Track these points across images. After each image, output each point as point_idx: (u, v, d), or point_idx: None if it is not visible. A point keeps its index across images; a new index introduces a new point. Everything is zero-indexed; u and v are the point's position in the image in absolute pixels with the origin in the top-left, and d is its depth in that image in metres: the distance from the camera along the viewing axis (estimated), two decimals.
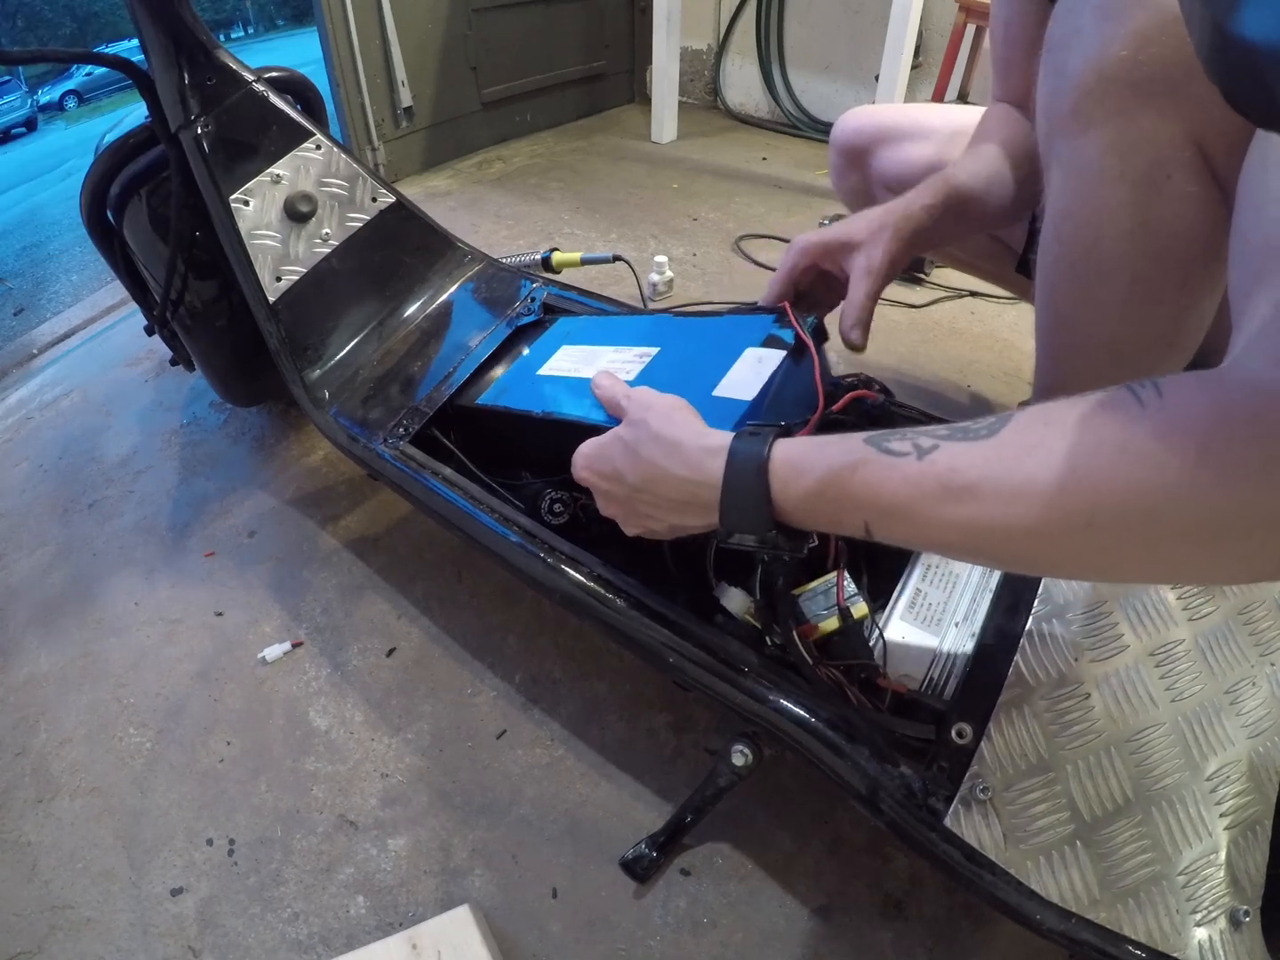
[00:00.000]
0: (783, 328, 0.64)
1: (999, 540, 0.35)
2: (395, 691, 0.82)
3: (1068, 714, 0.48)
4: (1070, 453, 0.32)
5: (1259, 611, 0.53)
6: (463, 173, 2.13)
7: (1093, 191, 0.53)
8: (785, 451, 0.43)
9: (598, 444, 0.53)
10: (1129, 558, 0.33)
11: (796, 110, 2.33)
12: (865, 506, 0.39)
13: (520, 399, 0.76)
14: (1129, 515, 0.31)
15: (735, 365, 0.63)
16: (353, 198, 0.91)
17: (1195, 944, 0.43)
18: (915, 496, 0.36)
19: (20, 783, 0.78)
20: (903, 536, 0.39)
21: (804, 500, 0.41)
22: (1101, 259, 0.55)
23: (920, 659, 0.54)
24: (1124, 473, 0.31)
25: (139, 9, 0.76)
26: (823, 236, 0.64)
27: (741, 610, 0.61)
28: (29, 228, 4.18)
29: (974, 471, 0.35)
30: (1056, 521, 0.32)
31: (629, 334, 0.77)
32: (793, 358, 0.61)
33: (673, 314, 0.79)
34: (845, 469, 0.39)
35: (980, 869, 0.45)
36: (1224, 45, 0.22)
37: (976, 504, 0.34)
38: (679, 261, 1.57)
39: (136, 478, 1.13)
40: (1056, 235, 0.58)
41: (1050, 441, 0.33)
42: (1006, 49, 0.74)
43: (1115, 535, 0.31)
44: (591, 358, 0.75)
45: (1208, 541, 0.30)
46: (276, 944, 0.65)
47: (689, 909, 0.65)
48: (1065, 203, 0.56)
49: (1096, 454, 0.31)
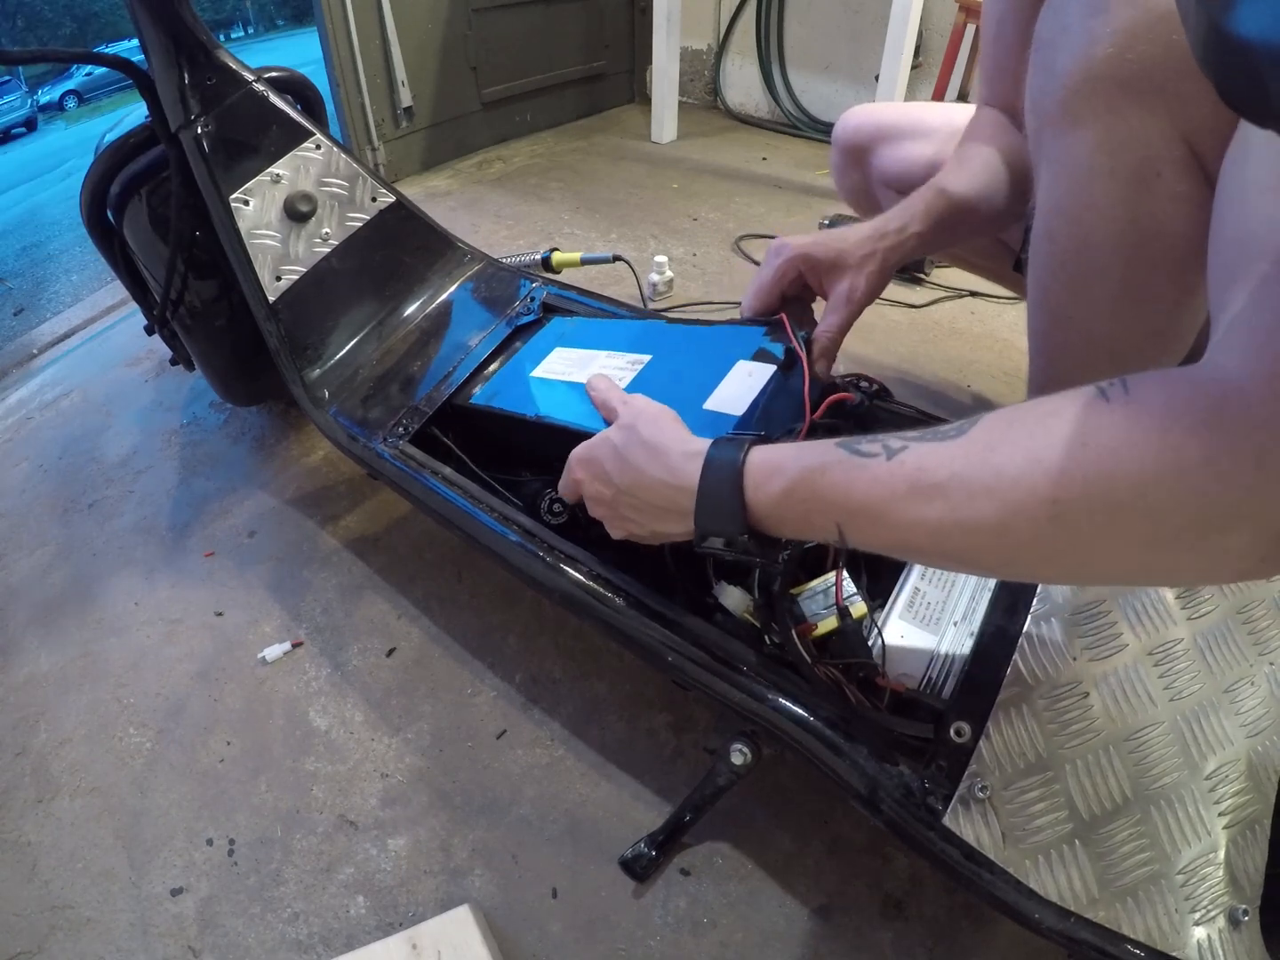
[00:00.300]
0: (774, 340, 0.65)
1: (967, 539, 0.35)
2: (395, 691, 0.82)
3: (1066, 713, 0.48)
4: (1033, 447, 0.32)
5: (1258, 610, 0.53)
6: (463, 173, 2.13)
7: (1083, 189, 0.53)
8: (759, 455, 0.43)
9: (589, 445, 0.55)
10: (1097, 554, 0.32)
11: (796, 110, 2.33)
12: (835, 507, 0.39)
13: (514, 401, 0.77)
14: (1093, 509, 0.31)
15: (726, 378, 0.64)
16: (353, 197, 0.92)
17: (1194, 943, 0.43)
18: (884, 497, 0.37)
19: (20, 783, 0.78)
20: (874, 539, 0.39)
21: (776, 502, 0.42)
22: (1093, 257, 0.55)
23: (919, 658, 0.54)
24: (1085, 465, 0.31)
25: (139, 9, 0.76)
26: (814, 251, 0.64)
27: (740, 609, 0.61)
28: (29, 228, 4.19)
29: (942, 471, 0.35)
30: (1021, 516, 0.32)
31: (622, 339, 0.77)
32: (783, 371, 0.62)
33: (666, 320, 0.79)
34: (815, 470, 0.40)
35: (979, 868, 0.45)
36: (1219, 42, 0.22)
37: (944, 501, 0.34)
38: (679, 261, 1.57)
39: (136, 478, 1.13)
40: (1047, 233, 0.58)
41: (1015, 438, 0.33)
42: (997, 50, 0.73)
43: (1080, 529, 0.31)
44: (585, 362, 0.76)
45: (1174, 538, 0.30)
46: (276, 944, 0.65)
47: (689, 909, 0.65)
48: (1056, 200, 0.56)
49: (1059, 448, 0.31)
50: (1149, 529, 0.30)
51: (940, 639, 0.55)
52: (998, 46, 0.73)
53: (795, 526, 0.43)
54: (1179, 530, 0.30)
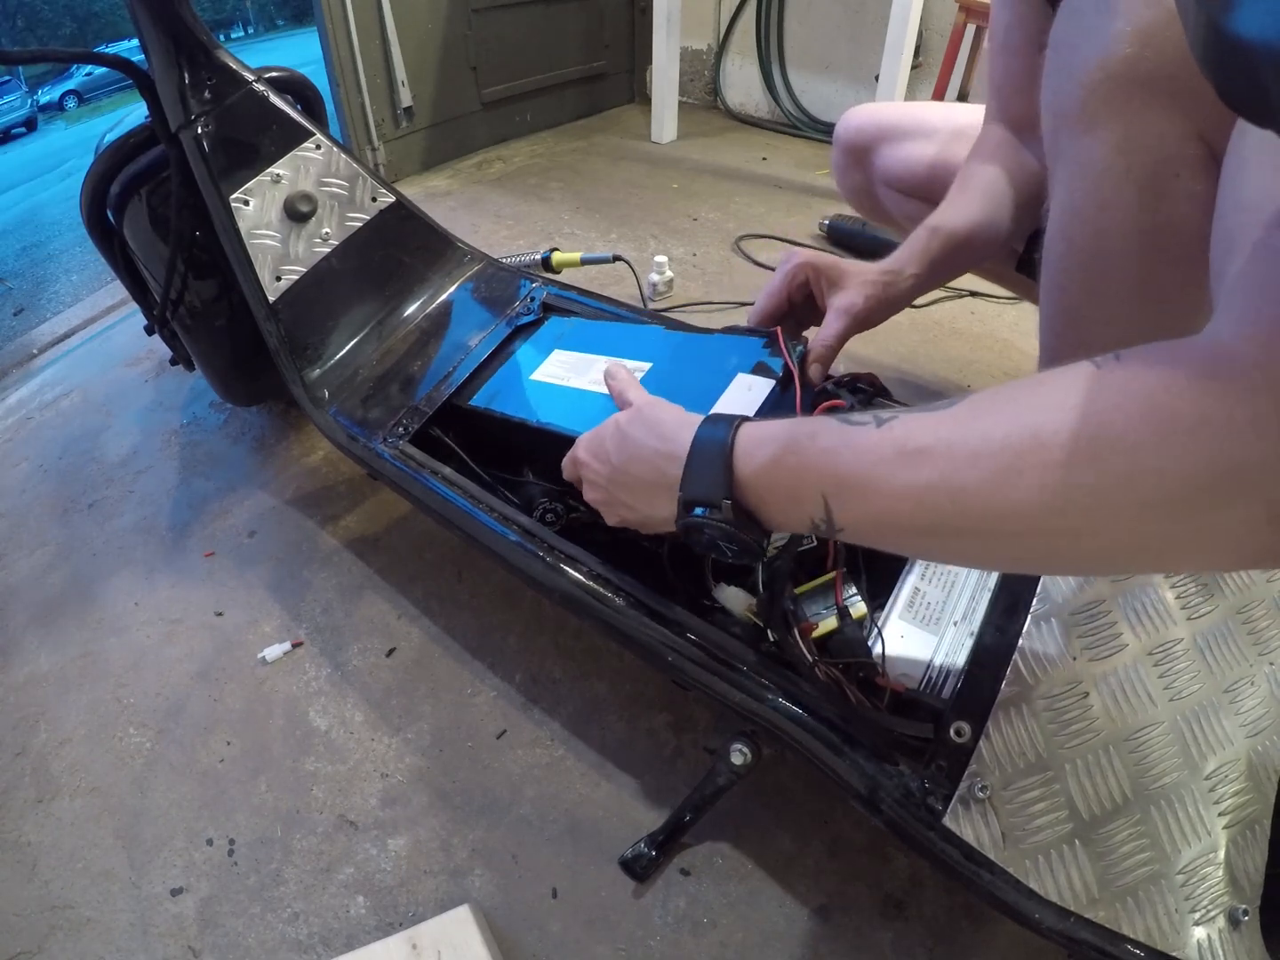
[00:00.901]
0: (773, 354, 0.65)
1: (953, 506, 0.33)
2: (395, 691, 0.82)
3: (1066, 713, 0.48)
4: (1020, 412, 0.32)
5: (1258, 611, 0.53)
6: (463, 173, 2.13)
7: (1100, 190, 0.53)
8: (752, 427, 0.44)
9: (597, 429, 0.56)
10: (1088, 525, 0.31)
11: (796, 110, 2.33)
12: (823, 476, 0.38)
13: (514, 404, 0.77)
14: (1082, 474, 0.30)
15: (726, 392, 0.65)
16: (352, 197, 0.92)
17: (1194, 943, 0.43)
18: (871, 462, 0.36)
19: (20, 783, 0.78)
20: (860, 512, 0.38)
21: (763, 470, 0.42)
22: (1109, 257, 0.55)
23: (919, 658, 0.54)
24: (1075, 428, 0.30)
25: (139, 9, 0.76)
26: (821, 260, 0.67)
27: (741, 609, 0.61)
28: (29, 228, 4.18)
29: (928, 436, 0.34)
30: (1009, 481, 0.31)
31: (622, 344, 0.78)
32: (781, 385, 0.63)
33: (665, 327, 0.80)
34: (804, 437, 0.40)
35: (979, 868, 0.45)
36: (1219, 42, 0.22)
37: (930, 467, 0.34)
38: (679, 261, 1.57)
39: (136, 478, 1.13)
40: (1063, 233, 0.58)
41: (1003, 406, 0.33)
42: (1006, 59, 0.73)
43: (1070, 497, 0.30)
44: (584, 366, 0.77)
45: (1168, 508, 0.29)
46: (276, 944, 0.65)
47: (689, 909, 0.65)
48: (1073, 201, 0.56)
49: (1048, 411, 0.31)
50: (1141, 495, 0.29)
51: (940, 639, 0.55)
52: (1006, 55, 0.73)
53: (781, 500, 0.42)
54: (1172, 500, 0.28)
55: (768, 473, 0.42)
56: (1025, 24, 0.70)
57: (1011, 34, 0.72)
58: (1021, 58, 0.70)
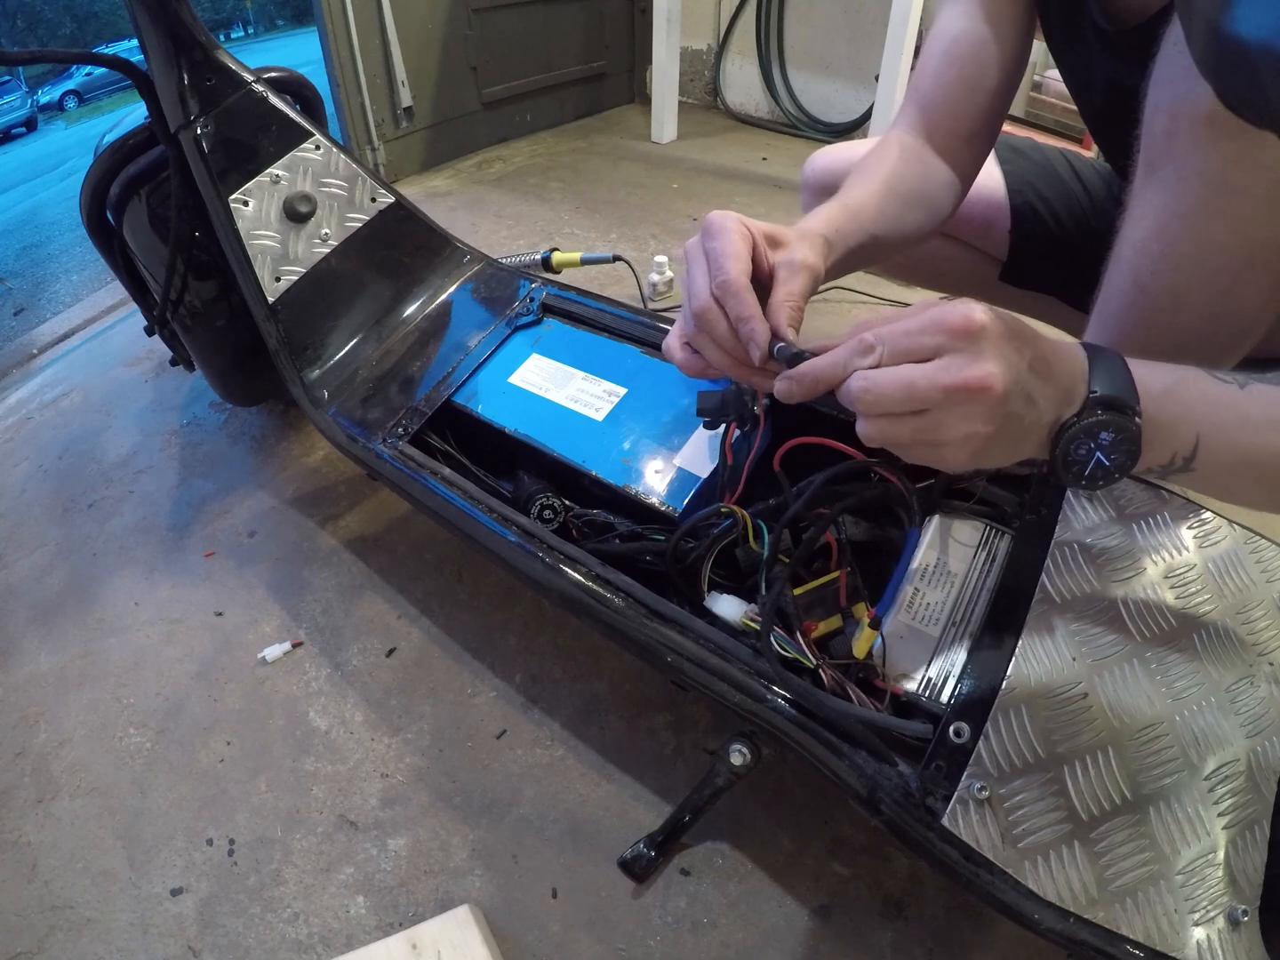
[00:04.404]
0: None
1: None
2: (395, 691, 0.82)
3: (1065, 714, 0.48)
4: None
5: (1257, 611, 0.53)
6: (463, 173, 2.13)
7: (1217, 198, 0.52)
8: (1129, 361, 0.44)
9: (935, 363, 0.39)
10: None
11: (796, 110, 2.33)
12: (1202, 418, 0.42)
13: (492, 409, 0.79)
14: None
15: (694, 435, 0.70)
16: (352, 198, 0.91)
17: (1193, 944, 0.43)
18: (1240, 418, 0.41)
19: (20, 783, 0.78)
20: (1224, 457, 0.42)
21: (1163, 394, 0.43)
22: (1206, 267, 0.54)
23: (918, 659, 0.54)
24: None
25: (138, 9, 0.76)
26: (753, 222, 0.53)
27: (735, 618, 0.61)
28: (29, 228, 4.18)
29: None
30: None
31: (598, 361, 0.81)
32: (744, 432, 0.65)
33: (640, 350, 0.81)
34: (1191, 377, 0.43)
35: (978, 868, 0.45)
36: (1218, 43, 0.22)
37: None
38: (679, 261, 1.56)
39: (136, 478, 1.13)
40: (1161, 234, 0.55)
41: None
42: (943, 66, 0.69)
43: None
44: (562, 379, 0.80)
45: None
46: (276, 944, 0.65)
47: (689, 909, 0.65)
48: (1181, 204, 0.54)
49: None
50: None
51: (940, 639, 0.55)
52: (944, 63, 0.69)
53: (1163, 431, 0.42)
54: None
55: (1162, 400, 0.42)
56: (983, 38, 0.66)
57: (958, 44, 0.68)
58: (959, 69, 0.67)
